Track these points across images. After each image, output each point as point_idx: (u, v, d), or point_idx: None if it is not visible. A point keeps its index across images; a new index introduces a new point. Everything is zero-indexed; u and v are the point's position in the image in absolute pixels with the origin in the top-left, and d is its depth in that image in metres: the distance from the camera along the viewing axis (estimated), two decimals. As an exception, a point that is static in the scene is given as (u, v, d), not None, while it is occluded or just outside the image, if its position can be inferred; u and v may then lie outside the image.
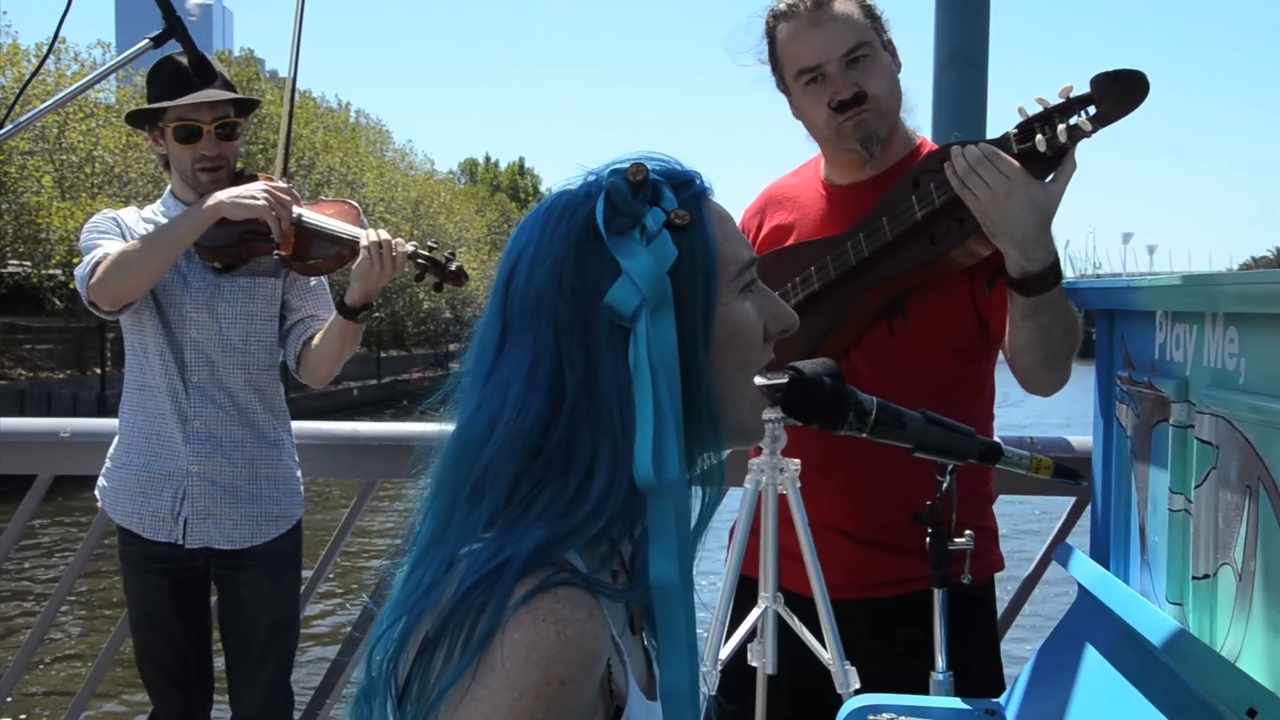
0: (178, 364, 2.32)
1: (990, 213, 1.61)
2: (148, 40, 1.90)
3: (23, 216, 22.53)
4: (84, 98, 21.57)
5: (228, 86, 2.35)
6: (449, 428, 0.89)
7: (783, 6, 1.80)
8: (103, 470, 2.42)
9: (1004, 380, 1.94)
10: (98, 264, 2.24)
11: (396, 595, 0.85)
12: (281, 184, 2.34)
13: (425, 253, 2.34)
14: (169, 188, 2.44)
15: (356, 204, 2.48)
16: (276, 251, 2.35)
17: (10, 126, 1.87)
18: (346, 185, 32.54)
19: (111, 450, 2.40)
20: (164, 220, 2.37)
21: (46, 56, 2.49)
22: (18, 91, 2.31)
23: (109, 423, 2.44)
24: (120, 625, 2.70)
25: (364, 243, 2.26)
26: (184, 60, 2.23)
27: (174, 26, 1.90)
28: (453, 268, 2.35)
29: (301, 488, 2.46)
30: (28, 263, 23.97)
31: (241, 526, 2.35)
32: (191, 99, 2.27)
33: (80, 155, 24.13)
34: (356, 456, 2.63)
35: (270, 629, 2.39)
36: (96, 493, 2.43)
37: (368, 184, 35.41)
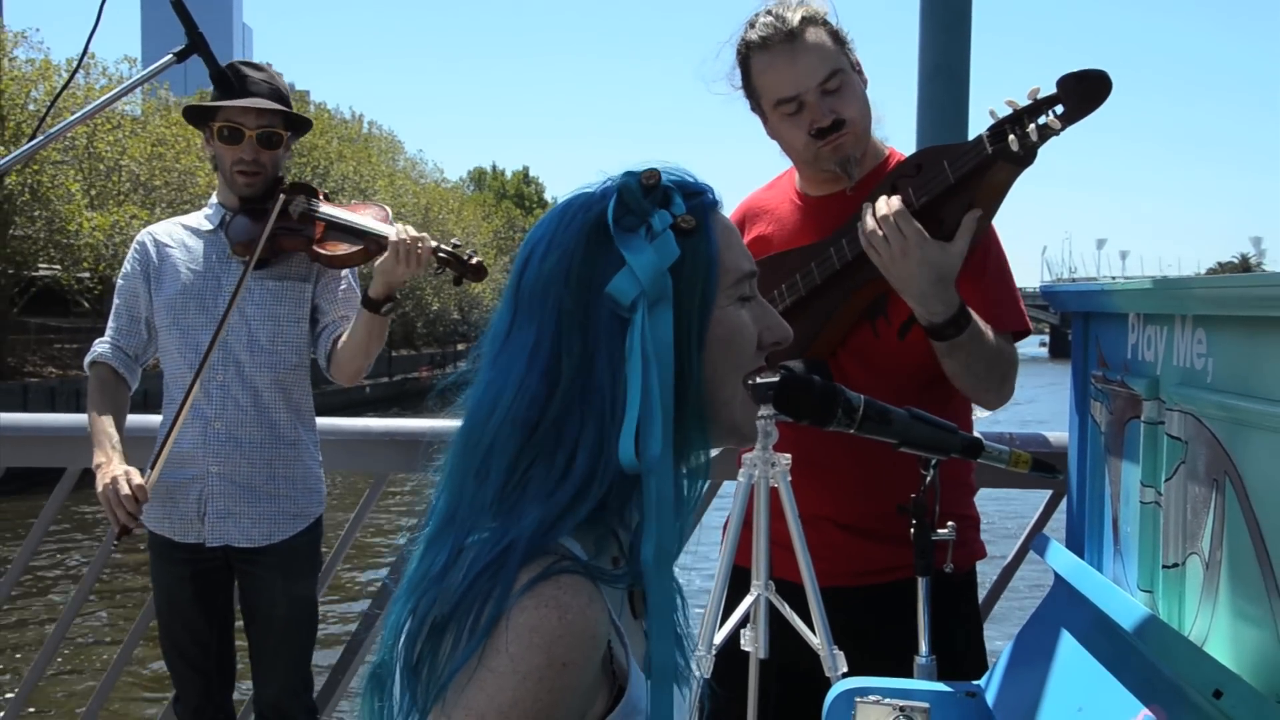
0: (200, 367, 2.35)
1: (890, 269, 1.68)
2: (171, 55, 1.97)
3: (54, 223, 22.87)
4: (111, 109, 21.87)
5: (279, 99, 2.43)
6: (462, 413, 0.93)
7: (756, 37, 1.82)
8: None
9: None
10: (91, 363, 2.46)
11: (410, 578, 0.88)
12: (136, 480, 2.23)
13: (448, 248, 2.42)
14: (215, 194, 2.54)
15: (388, 208, 2.55)
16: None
17: (42, 137, 1.94)
18: (359, 193, 32.77)
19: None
20: (207, 226, 2.48)
21: (76, 71, 2.59)
22: (49, 104, 2.39)
23: (133, 418, 2.51)
24: (141, 618, 2.76)
25: (392, 238, 2.33)
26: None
27: (196, 42, 1.97)
28: (473, 262, 2.42)
29: (323, 486, 2.51)
30: (58, 266, 24.32)
31: (260, 525, 2.41)
32: (240, 103, 2.36)
33: (108, 164, 24.48)
34: (368, 450, 2.68)
35: (286, 622, 2.45)
36: None
37: (379, 191, 35.68)
